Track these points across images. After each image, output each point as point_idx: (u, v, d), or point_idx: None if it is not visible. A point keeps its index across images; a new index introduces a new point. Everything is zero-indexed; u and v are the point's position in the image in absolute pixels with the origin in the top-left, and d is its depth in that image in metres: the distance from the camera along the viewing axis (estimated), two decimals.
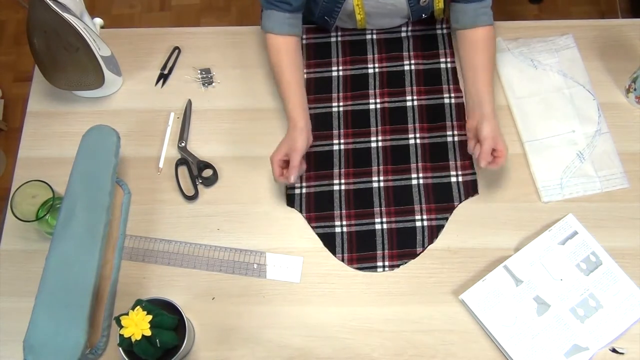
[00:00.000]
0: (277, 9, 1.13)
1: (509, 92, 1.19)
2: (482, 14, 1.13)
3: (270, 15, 1.14)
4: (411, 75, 1.21)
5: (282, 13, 1.13)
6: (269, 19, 1.14)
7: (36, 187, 1.04)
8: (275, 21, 1.13)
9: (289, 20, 1.13)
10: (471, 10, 1.13)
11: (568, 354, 0.97)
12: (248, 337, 1.02)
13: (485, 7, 1.13)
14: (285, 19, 1.13)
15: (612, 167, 1.12)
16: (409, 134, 1.16)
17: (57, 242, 0.99)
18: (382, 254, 1.07)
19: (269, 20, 1.14)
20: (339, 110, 1.19)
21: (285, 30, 1.14)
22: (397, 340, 1.01)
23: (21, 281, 1.07)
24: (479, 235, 1.08)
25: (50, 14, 1.03)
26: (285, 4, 1.12)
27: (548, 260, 1.04)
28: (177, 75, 1.25)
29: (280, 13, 1.13)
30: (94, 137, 1.08)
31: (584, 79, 1.20)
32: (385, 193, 1.12)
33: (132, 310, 0.88)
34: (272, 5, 1.13)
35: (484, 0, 1.13)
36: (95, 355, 1.00)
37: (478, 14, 1.13)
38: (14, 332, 1.02)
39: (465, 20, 1.14)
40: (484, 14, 1.13)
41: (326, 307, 1.04)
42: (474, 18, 1.13)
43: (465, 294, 1.02)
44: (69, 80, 1.15)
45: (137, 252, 1.09)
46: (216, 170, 1.15)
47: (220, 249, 1.09)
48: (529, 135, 1.15)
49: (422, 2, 1.16)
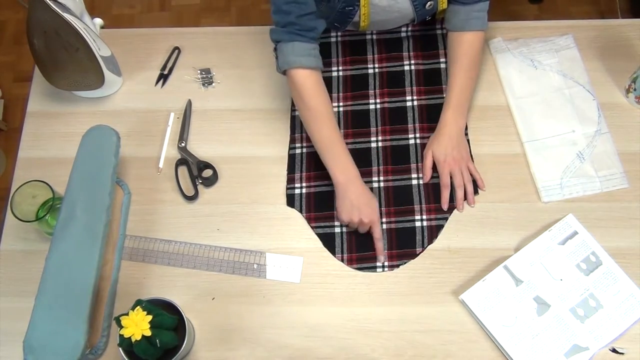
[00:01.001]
0: (301, 39, 1.01)
1: (509, 92, 1.19)
2: (474, 18, 1.10)
3: (293, 48, 1.01)
4: (411, 75, 1.21)
5: (306, 44, 1.02)
6: (292, 53, 1.01)
7: (36, 187, 1.04)
8: (301, 54, 1.01)
9: (314, 52, 1.03)
10: (463, 13, 1.11)
11: (568, 354, 0.97)
12: (248, 337, 1.02)
13: (479, 12, 1.10)
14: (310, 50, 1.03)
15: (612, 167, 1.12)
16: (408, 134, 1.16)
17: (57, 242, 0.99)
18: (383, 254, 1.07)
19: (293, 54, 1.01)
20: (339, 111, 1.19)
21: (313, 63, 1.03)
22: (397, 341, 1.01)
23: (21, 281, 1.07)
24: (479, 235, 1.08)
25: (50, 14, 1.03)
26: (309, 32, 1.02)
27: (548, 260, 1.04)
28: (177, 75, 1.25)
29: (305, 44, 1.02)
30: (94, 137, 1.08)
31: (583, 79, 1.20)
32: (385, 193, 1.12)
33: (132, 310, 0.88)
34: (294, 35, 1.01)
35: (478, 4, 1.10)
36: (95, 355, 1.00)
37: (469, 17, 1.10)
38: (14, 332, 1.02)
39: (455, 22, 1.12)
40: (475, 18, 1.10)
41: (326, 307, 1.04)
42: (464, 21, 1.11)
43: (465, 294, 1.02)
44: (69, 80, 1.15)
45: (137, 252, 1.09)
46: (216, 170, 1.15)
47: (220, 249, 1.09)
48: (529, 135, 1.15)
49: (428, 6, 1.13)
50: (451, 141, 1.10)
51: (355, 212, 1.03)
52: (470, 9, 1.10)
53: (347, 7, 1.11)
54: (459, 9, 1.11)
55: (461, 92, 1.11)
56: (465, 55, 1.11)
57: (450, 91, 1.12)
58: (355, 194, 1.03)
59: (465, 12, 1.10)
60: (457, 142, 1.10)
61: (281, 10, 1.01)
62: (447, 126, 1.10)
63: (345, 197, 1.03)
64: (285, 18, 1.01)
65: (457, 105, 1.11)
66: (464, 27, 1.11)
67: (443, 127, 1.11)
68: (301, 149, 1.16)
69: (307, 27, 1.02)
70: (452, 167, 1.09)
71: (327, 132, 1.04)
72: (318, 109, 1.04)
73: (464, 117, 1.12)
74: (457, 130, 1.10)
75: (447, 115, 1.11)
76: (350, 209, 1.03)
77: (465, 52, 1.11)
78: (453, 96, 1.11)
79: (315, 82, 1.04)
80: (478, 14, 1.10)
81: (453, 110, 1.11)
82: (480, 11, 1.10)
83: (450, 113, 1.11)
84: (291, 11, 1.00)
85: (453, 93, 1.11)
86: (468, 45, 1.11)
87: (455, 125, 1.10)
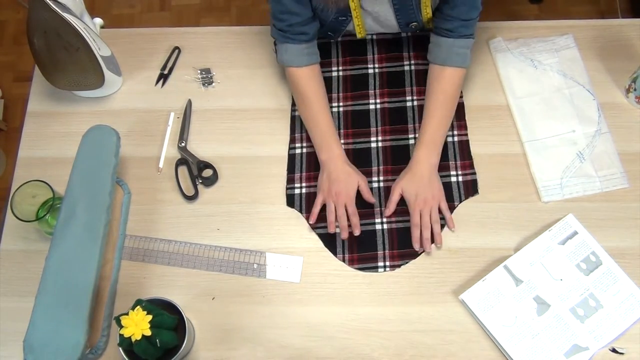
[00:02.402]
0: (293, 42, 1.09)
1: (509, 92, 1.19)
2: (455, 54, 1.08)
3: (286, 49, 1.10)
4: (411, 75, 1.21)
5: (297, 45, 1.09)
6: (286, 53, 1.10)
7: (36, 187, 1.04)
8: (293, 54, 1.10)
9: (306, 50, 1.11)
10: (445, 46, 1.08)
11: (568, 354, 0.97)
12: (248, 337, 1.02)
13: (461, 48, 1.08)
14: (302, 50, 1.10)
15: (612, 167, 1.12)
16: (408, 134, 1.16)
17: (57, 242, 0.99)
18: (383, 254, 1.07)
19: (287, 54, 1.10)
20: (339, 111, 1.19)
21: (305, 62, 1.11)
22: (397, 340, 1.01)
23: (21, 281, 1.07)
24: (479, 235, 1.08)
25: (50, 14, 1.03)
26: (301, 35, 1.09)
27: (548, 260, 1.04)
28: (177, 75, 1.25)
29: (296, 45, 1.09)
30: (94, 137, 1.08)
31: (584, 79, 1.20)
32: (386, 193, 1.12)
33: (132, 310, 0.88)
34: (287, 39, 1.09)
35: (462, 39, 1.07)
36: (95, 355, 1.00)
37: (451, 52, 1.08)
38: (14, 332, 1.02)
39: (436, 54, 1.10)
40: (457, 54, 1.08)
41: (326, 307, 1.04)
42: (445, 55, 1.09)
43: (465, 294, 1.02)
44: (69, 80, 1.15)
45: (137, 252, 1.09)
46: (216, 170, 1.15)
47: (220, 249, 1.09)
48: (529, 135, 1.15)
49: (412, 26, 1.16)
50: (422, 180, 1.07)
51: (328, 184, 1.06)
52: (453, 44, 1.08)
53: (340, 17, 1.13)
54: (442, 42, 1.09)
55: (436, 130, 1.09)
56: (443, 92, 1.10)
57: (424, 127, 1.10)
58: (334, 170, 1.07)
59: (448, 46, 1.08)
60: (428, 181, 1.07)
61: (276, 17, 1.08)
62: (419, 164, 1.08)
63: (324, 172, 1.09)
64: (279, 24, 1.08)
65: (430, 143, 1.09)
66: (445, 61, 1.09)
67: (415, 165, 1.08)
68: (301, 149, 1.16)
69: (298, 33, 1.08)
70: (421, 207, 1.06)
71: (312, 112, 1.11)
72: (307, 93, 1.11)
73: (437, 154, 1.09)
74: (429, 168, 1.08)
75: (420, 153, 1.08)
76: (325, 182, 1.07)
77: (443, 89, 1.09)
78: (427, 134, 1.09)
79: (309, 73, 1.12)
80: (460, 50, 1.08)
81: (426, 147, 1.09)
82: (462, 47, 1.08)
83: (423, 151, 1.08)
84: (285, 20, 1.07)
85: (427, 130, 1.09)
86: (446, 81, 1.09)
87: (427, 163, 1.08)
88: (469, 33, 1.08)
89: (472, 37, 1.09)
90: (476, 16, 1.07)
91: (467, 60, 1.10)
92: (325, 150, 1.09)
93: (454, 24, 1.06)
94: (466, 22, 1.06)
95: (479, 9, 1.06)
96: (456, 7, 1.05)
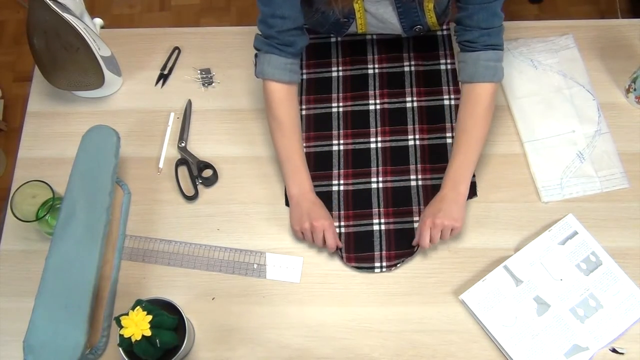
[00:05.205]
0: (279, 53, 1.03)
1: (508, 92, 1.19)
2: (484, 67, 1.01)
3: (269, 60, 1.03)
4: (411, 76, 1.21)
5: (282, 58, 1.03)
6: (268, 65, 1.03)
7: (36, 187, 1.04)
8: (275, 67, 1.03)
9: (290, 66, 1.04)
10: (471, 60, 1.02)
11: (568, 354, 0.97)
12: (248, 337, 1.02)
13: (490, 61, 1.00)
14: (286, 65, 1.03)
15: (612, 167, 1.12)
16: (408, 135, 1.16)
17: (57, 242, 0.99)
18: (380, 255, 1.07)
19: (269, 66, 1.03)
20: (339, 111, 1.19)
21: (286, 78, 1.04)
22: (397, 340, 1.01)
23: (21, 281, 1.07)
24: (479, 235, 1.08)
25: (50, 14, 1.03)
26: (287, 47, 1.02)
27: (548, 260, 1.04)
28: (177, 75, 1.25)
29: (281, 58, 1.03)
30: (94, 137, 1.08)
31: (584, 79, 1.20)
32: (384, 194, 1.12)
33: (132, 310, 0.88)
34: (273, 48, 1.02)
35: (490, 51, 1.00)
36: (95, 356, 1.00)
37: (478, 65, 1.01)
38: (14, 332, 1.02)
39: (464, 71, 1.04)
40: (485, 68, 1.01)
41: (326, 307, 1.04)
42: (472, 69, 1.02)
43: (465, 294, 1.02)
44: (69, 80, 1.15)
45: (137, 252, 1.09)
46: (216, 170, 1.15)
47: (220, 249, 1.09)
48: (529, 135, 1.15)
49: (417, 29, 1.13)
50: (442, 204, 1.02)
51: (305, 218, 1.02)
52: (478, 57, 1.01)
53: (343, 19, 1.12)
54: (467, 57, 1.02)
55: (461, 163, 1.03)
56: (471, 116, 1.03)
57: (451, 158, 1.05)
58: (306, 205, 1.04)
59: (473, 60, 1.01)
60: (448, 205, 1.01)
61: (265, 22, 1.01)
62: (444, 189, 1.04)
63: (296, 208, 1.05)
64: (267, 30, 1.02)
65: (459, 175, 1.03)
66: (472, 77, 1.02)
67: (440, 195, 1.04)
68: None
69: (286, 42, 1.02)
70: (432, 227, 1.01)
71: (287, 143, 1.06)
72: (282, 119, 1.05)
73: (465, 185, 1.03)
74: (453, 196, 1.02)
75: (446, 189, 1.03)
76: (300, 217, 1.03)
77: (471, 112, 1.03)
78: (452, 168, 1.04)
79: (286, 95, 1.05)
80: (488, 62, 1.01)
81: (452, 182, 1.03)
82: (490, 60, 1.01)
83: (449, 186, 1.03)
84: (274, 25, 1.00)
85: (452, 164, 1.04)
86: (475, 101, 1.02)
87: (453, 191, 1.03)
88: (495, 43, 1.01)
89: (499, 48, 1.02)
90: (499, 24, 1.00)
91: (497, 74, 1.02)
92: (296, 185, 1.06)
93: (475, 34, 1.00)
94: (487, 30, 1.00)
95: (500, 16, 0.99)
96: (474, 15, 0.99)
